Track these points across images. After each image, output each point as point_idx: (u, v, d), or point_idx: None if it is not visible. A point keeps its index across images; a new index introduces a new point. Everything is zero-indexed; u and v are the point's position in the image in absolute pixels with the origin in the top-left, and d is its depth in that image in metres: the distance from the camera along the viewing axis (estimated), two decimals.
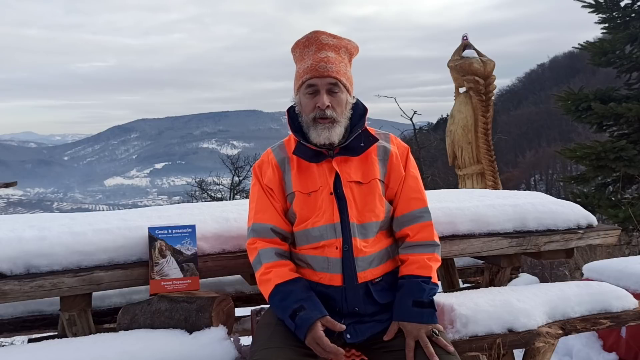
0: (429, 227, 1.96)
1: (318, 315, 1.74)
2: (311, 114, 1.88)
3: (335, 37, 1.95)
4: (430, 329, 1.77)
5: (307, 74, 1.88)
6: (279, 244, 1.94)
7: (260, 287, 1.91)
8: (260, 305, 2.83)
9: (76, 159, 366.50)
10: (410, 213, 1.95)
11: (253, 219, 1.97)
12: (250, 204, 2.03)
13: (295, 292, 1.80)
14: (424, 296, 1.82)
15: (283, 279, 1.84)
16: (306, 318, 1.73)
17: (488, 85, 6.20)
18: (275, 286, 1.83)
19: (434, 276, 1.89)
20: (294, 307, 1.76)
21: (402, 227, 1.96)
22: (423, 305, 1.80)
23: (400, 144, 2.05)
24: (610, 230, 2.83)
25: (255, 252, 1.93)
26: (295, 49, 1.98)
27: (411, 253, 1.92)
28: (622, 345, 3.24)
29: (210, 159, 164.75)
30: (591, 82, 27.33)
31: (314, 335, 1.70)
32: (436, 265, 1.93)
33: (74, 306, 2.17)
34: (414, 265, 1.88)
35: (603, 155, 7.73)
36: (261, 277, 1.89)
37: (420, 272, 1.86)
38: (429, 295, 1.83)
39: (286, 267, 1.89)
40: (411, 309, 1.79)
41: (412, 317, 1.78)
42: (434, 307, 1.83)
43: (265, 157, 2.04)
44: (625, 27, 8.31)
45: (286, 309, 1.77)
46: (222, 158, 26.05)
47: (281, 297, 1.80)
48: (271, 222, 1.94)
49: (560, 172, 41.73)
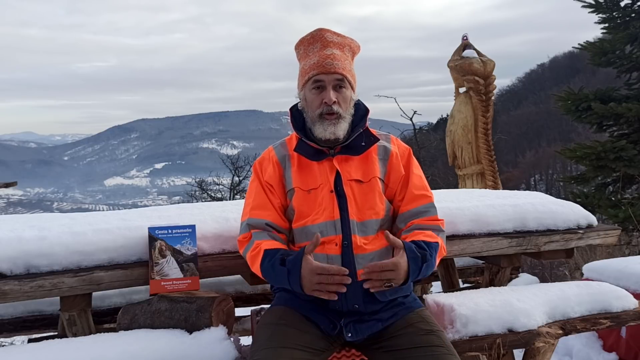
0: (435, 219, 1.96)
1: (303, 251, 1.72)
2: (317, 110, 1.90)
3: (339, 35, 1.98)
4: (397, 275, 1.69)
5: (313, 70, 1.90)
6: (274, 233, 1.94)
7: (251, 263, 1.90)
8: (260, 305, 2.84)
9: (76, 159, 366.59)
10: (416, 208, 1.96)
11: (248, 215, 1.97)
12: (246, 200, 2.03)
13: (282, 251, 1.81)
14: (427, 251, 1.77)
15: (272, 246, 1.84)
16: (295, 258, 1.72)
17: (488, 85, 6.20)
18: (264, 251, 1.82)
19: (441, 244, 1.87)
20: (280, 257, 1.76)
21: (407, 221, 1.95)
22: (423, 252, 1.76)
23: (401, 144, 2.07)
24: (610, 230, 2.83)
25: (248, 239, 1.92)
26: (300, 46, 2.00)
27: (417, 230, 1.90)
28: (622, 345, 3.24)
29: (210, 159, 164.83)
30: (591, 82, 27.34)
31: (309, 268, 1.67)
32: (442, 242, 1.90)
33: (74, 306, 2.17)
34: (422, 234, 1.86)
35: (603, 155, 7.73)
36: (251, 253, 1.88)
37: (427, 239, 1.84)
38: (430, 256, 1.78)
39: (276, 241, 1.88)
40: (411, 245, 1.76)
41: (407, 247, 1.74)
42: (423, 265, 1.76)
43: (266, 154, 2.05)
44: (625, 27, 8.31)
45: (275, 262, 1.76)
46: (222, 158, 26.03)
47: (270, 257, 1.80)
48: (267, 217, 1.94)
49: (560, 172, 41.74)
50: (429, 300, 2.35)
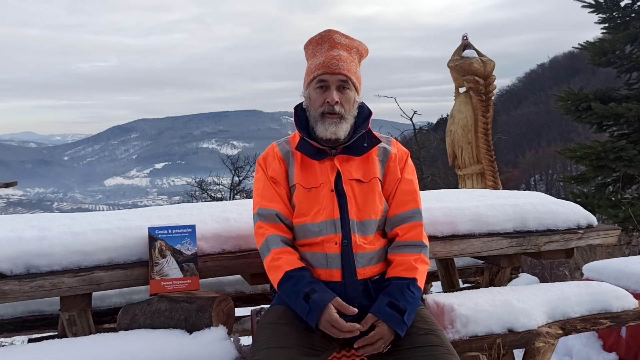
0: (418, 227, 1.97)
1: (330, 297, 1.76)
2: (320, 109, 1.92)
3: (347, 37, 1.99)
4: (388, 338, 1.73)
5: (318, 70, 1.92)
6: (285, 232, 1.95)
7: (269, 272, 1.92)
8: (260, 305, 2.84)
9: (76, 159, 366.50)
10: (402, 214, 1.98)
11: (259, 204, 1.99)
12: (255, 192, 2.05)
13: (305, 277, 1.82)
14: (401, 300, 1.79)
15: (293, 266, 1.85)
16: (319, 300, 1.74)
17: (488, 85, 6.20)
18: (285, 272, 1.84)
19: (419, 278, 1.88)
20: (305, 290, 1.78)
21: (393, 227, 1.98)
22: (397, 308, 1.78)
23: (400, 148, 2.09)
24: (610, 230, 2.83)
25: (263, 237, 1.94)
26: (308, 45, 2.02)
27: (398, 253, 1.92)
28: (622, 345, 3.24)
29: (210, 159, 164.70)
30: (591, 82, 27.33)
31: (328, 318, 1.72)
32: (423, 267, 1.91)
33: (74, 306, 2.17)
34: (400, 267, 1.89)
35: (603, 155, 7.72)
36: (270, 264, 1.90)
37: (405, 274, 1.86)
38: (407, 301, 1.79)
39: (294, 255, 1.91)
40: (384, 308, 1.78)
41: (383, 315, 1.76)
42: (405, 315, 1.77)
43: (270, 150, 2.07)
44: (625, 27, 8.30)
45: (299, 293, 1.78)
46: (222, 158, 26.01)
47: (293, 283, 1.81)
48: (276, 208, 1.96)
49: (560, 172, 41.73)
50: (429, 300, 2.34)
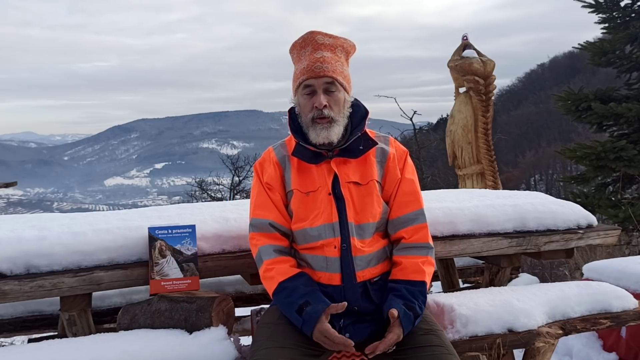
0: (423, 229, 1.96)
1: (324, 307, 1.75)
2: (310, 115, 1.90)
3: (331, 36, 1.96)
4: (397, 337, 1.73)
5: (303, 75, 1.90)
6: (278, 240, 1.94)
7: (264, 283, 1.93)
8: (260, 305, 2.84)
9: (76, 159, 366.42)
10: (405, 216, 1.96)
11: (252, 215, 2.00)
12: (250, 199, 2.06)
13: (299, 289, 1.81)
14: (416, 303, 1.80)
15: (285, 275, 1.85)
16: (313, 312, 1.74)
17: (488, 85, 6.19)
18: (278, 284, 1.84)
19: (428, 281, 1.88)
20: (299, 302, 1.77)
21: (397, 229, 1.96)
22: (413, 310, 1.79)
23: (399, 147, 2.06)
24: (610, 230, 2.83)
25: (256, 248, 1.95)
26: (293, 50, 2.00)
27: (405, 255, 1.91)
28: (622, 345, 3.24)
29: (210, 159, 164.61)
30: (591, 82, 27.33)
31: (320, 329, 1.72)
32: (430, 269, 1.91)
33: (74, 306, 2.17)
34: (409, 269, 1.88)
35: (603, 155, 7.72)
36: (264, 274, 1.91)
37: (414, 277, 1.86)
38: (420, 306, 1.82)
39: (287, 263, 1.89)
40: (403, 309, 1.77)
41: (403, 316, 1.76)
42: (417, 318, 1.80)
43: (266, 154, 2.06)
44: (625, 27, 8.30)
45: (292, 305, 1.78)
46: (222, 158, 26.02)
47: (286, 294, 1.81)
48: (269, 217, 1.95)
49: (560, 172, 41.73)
50: (429, 300, 2.34)
